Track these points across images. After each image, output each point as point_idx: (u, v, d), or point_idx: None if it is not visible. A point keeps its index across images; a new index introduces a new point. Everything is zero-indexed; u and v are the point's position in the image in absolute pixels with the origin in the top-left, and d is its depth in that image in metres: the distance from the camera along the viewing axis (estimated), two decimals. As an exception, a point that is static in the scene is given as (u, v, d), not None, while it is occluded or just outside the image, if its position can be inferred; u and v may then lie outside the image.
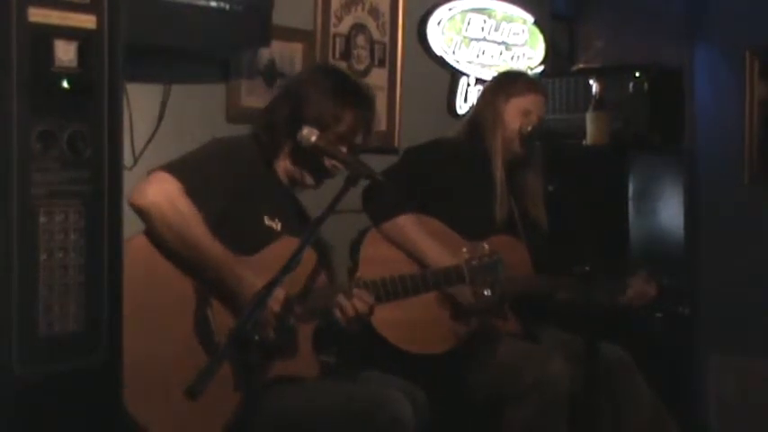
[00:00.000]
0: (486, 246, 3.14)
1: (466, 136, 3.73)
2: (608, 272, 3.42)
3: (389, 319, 3.35)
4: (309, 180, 2.96)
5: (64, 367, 2.05)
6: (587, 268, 3.09)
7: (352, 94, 2.97)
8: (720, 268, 4.81)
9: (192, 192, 2.66)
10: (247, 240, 2.79)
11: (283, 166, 2.96)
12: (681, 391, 4.57)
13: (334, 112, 2.90)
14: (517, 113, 3.64)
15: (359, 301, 2.80)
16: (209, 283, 2.69)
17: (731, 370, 4.80)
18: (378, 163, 3.54)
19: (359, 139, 2.96)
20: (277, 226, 2.90)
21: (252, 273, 2.67)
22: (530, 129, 3.63)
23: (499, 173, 3.61)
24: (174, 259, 2.67)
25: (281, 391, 2.75)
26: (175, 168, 2.70)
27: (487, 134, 3.65)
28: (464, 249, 3.14)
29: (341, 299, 2.78)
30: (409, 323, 3.38)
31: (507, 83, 3.77)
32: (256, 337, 2.65)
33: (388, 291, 2.95)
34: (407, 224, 3.44)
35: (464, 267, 3.12)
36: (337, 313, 2.78)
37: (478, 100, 3.91)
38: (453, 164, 3.60)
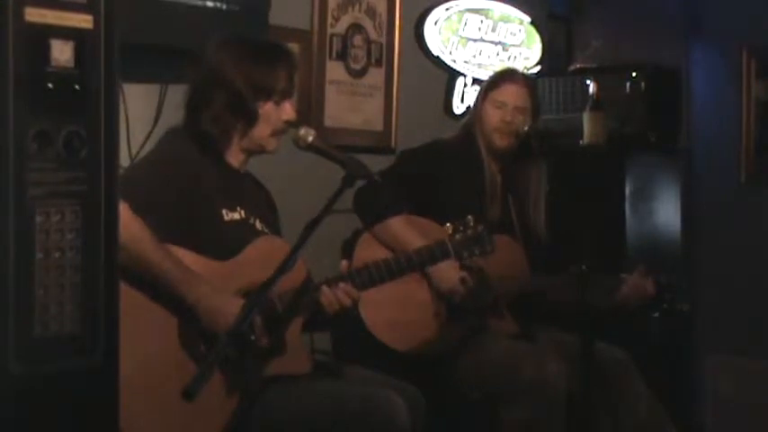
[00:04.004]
0: (471, 217, 3.12)
1: (461, 138, 3.74)
2: (605, 271, 3.42)
3: (385, 322, 3.35)
4: (271, 146, 2.94)
5: (60, 368, 2.04)
6: (584, 268, 3.09)
7: (271, 51, 2.95)
8: (717, 268, 4.81)
9: (140, 207, 2.62)
10: (212, 240, 2.79)
11: (237, 150, 2.92)
12: (679, 391, 4.57)
13: (268, 74, 2.87)
14: (492, 107, 3.66)
15: (343, 294, 2.81)
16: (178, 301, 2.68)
17: (729, 370, 4.80)
18: (374, 163, 3.55)
19: (293, 85, 2.94)
20: (240, 215, 2.89)
21: (211, 288, 2.68)
22: (526, 128, 3.64)
23: (488, 173, 3.62)
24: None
25: (276, 392, 2.74)
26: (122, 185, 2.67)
27: (476, 134, 3.67)
28: (447, 224, 3.12)
29: (325, 290, 2.79)
30: (405, 325, 3.39)
31: (490, 78, 3.79)
32: (252, 337, 2.66)
33: (373, 276, 2.94)
34: (399, 225, 3.44)
35: (447, 241, 3.10)
36: (323, 300, 2.79)
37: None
38: (447, 165, 3.60)
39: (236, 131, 2.88)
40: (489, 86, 3.71)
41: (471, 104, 4.00)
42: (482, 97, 3.70)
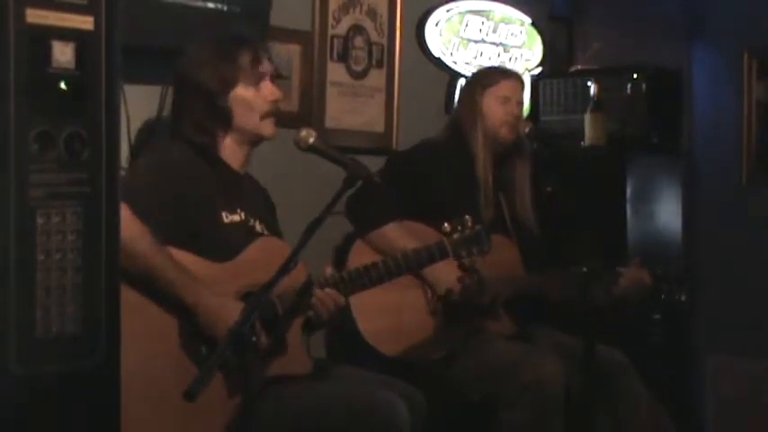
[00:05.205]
0: (468, 217, 3.13)
1: (447, 137, 3.74)
2: (604, 272, 3.42)
3: (381, 330, 3.35)
4: (266, 130, 2.94)
5: (61, 369, 2.04)
6: (584, 269, 3.09)
7: (227, 42, 2.95)
8: (718, 269, 4.81)
9: (140, 210, 2.64)
10: (212, 242, 2.80)
11: (234, 146, 2.93)
12: (679, 392, 4.57)
13: (231, 64, 2.89)
14: (495, 102, 3.66)
15: (329, 300, 2.82)
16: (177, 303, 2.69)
17: (729, 370, 4.80)
18: (375, 165, 3.55)
19: (266, 66, 2.95)
20: (240, 217, 2.90)
21: (210, 291, 2.68)
22: (527, 130, 3.65)
23: (483, 171, 3.61)
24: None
25: (277, 393, 2.75)
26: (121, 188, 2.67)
27: (468, 132, 3.67)
28: (445, 224, 3.13)
29: (320, 295, 2.81)
30: (401, 332, 3.38)
31: (480, 76, 3.82)
32: (253, 338, 2.66)
33: (372, 276, 2.97)
34: (395, 232, 3.43)
35: (445, 241, 3.11)
36: (315, 307, 2.81)
37: (458, 100, 3.95)
38: (437, 166, 3.60)
39: (219, 130, 2.90)
40: (487, 83, 3.71)
41: (456, 104, 3.99)
42: (480, 94, 3.70)
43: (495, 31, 4.80)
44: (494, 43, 4.80)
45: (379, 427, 2.69)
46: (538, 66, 4.98)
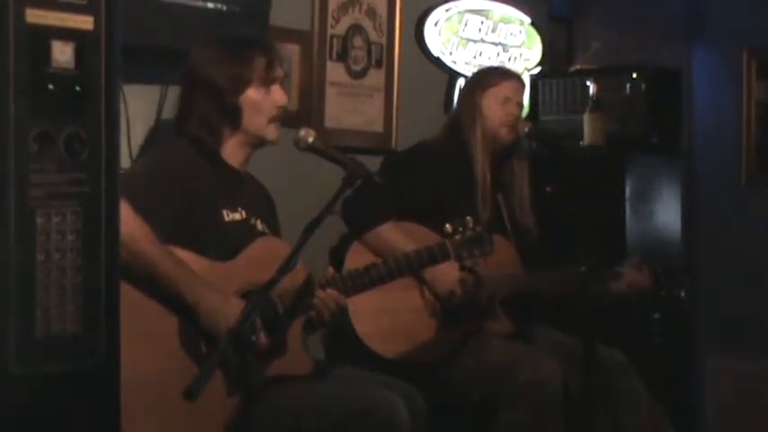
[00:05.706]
0: (470, 218, 3.12)
1: (446, 137, 3.74)
2: (604, 271, 3.42)
3: (378, 331, 3.34)
4: (271, 134, 2.94)
5: (61, 369, 2.04)
6: (584, 269, 3.09)
7: (242, 43, 2.95)
8: (718, 269, 4.81)
9: (141, 208, 2.63)
10: (213, 240, 2.80)
11: (236, 147, 2.93)
12: (679, 392, 4.57)
13: (247, 65, 2.88)
14: (496, 103, 3.66)
15: (330, 299, 2.82)
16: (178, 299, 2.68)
17: (729, 370, 4.80)
18: (374, 165, 3.55)
19: (279, 72, 2.94)
20: (241, 215, 2.90)
21: (211, 289, 2.68)
22: (526, 129, 3.65)
23: (480, 171, 3.61)
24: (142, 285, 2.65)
25: (277, 393, 2.75)
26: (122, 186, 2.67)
27: (468, 132, 3.66)
28: (447, 225, 3.13)
29: (321, 295, 2.81)
30: (399, 333, 3.38)
31: (480, 76, 3.82)
32: (253, 338, 2.66)
33: (373, 276, 2.97)
34: (390, 233, 3.42)
35: (447, 243, 3.11)
36: (317, 307, 2.81)
37: (457, 101, 3.94)
38: (434, 167, 3.60)
39: (226, 129, 2.89)
40: (488, 84, 3.71)
41: (455, 105, 4.00)
42: (480, 95, 3.70)
43: (494, 31, 4.80)
44: (493, 43, 4.80)
45: (378, 428, 2.69)
46: (537, 65, 4.98)
